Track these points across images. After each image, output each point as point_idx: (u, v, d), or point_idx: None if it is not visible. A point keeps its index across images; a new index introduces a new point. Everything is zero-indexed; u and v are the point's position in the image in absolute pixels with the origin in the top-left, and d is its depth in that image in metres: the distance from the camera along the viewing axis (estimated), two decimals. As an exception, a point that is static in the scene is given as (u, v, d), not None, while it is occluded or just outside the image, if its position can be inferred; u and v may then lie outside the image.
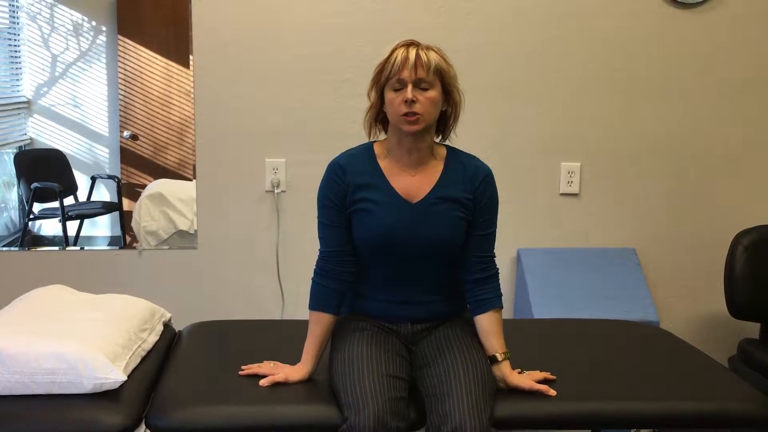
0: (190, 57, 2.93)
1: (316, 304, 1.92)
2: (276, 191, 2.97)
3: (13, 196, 3.14)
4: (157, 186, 3.12)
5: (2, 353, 1.69)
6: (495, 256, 1.97)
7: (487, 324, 1.90)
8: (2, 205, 3.13)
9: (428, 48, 1.83)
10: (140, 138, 3.08)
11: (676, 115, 3.06)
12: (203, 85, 2.92)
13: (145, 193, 3.11)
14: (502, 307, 1.94)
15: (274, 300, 3.04)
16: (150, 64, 3.04)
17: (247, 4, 2.87)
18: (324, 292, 1.92)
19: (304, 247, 2.92)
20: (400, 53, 1.81)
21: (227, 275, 3.02)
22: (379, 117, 1.92)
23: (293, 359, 1.97)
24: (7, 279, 2.92)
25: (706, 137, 3.08)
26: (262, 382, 1.85)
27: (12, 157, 3.08)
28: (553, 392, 1.82)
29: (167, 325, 2.22)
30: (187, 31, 2.91)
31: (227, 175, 2.97)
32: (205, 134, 2.95)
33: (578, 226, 3.10)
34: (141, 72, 3.04)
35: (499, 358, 1.87)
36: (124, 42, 3.01)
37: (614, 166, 3.07)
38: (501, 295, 1.95)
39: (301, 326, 2.27)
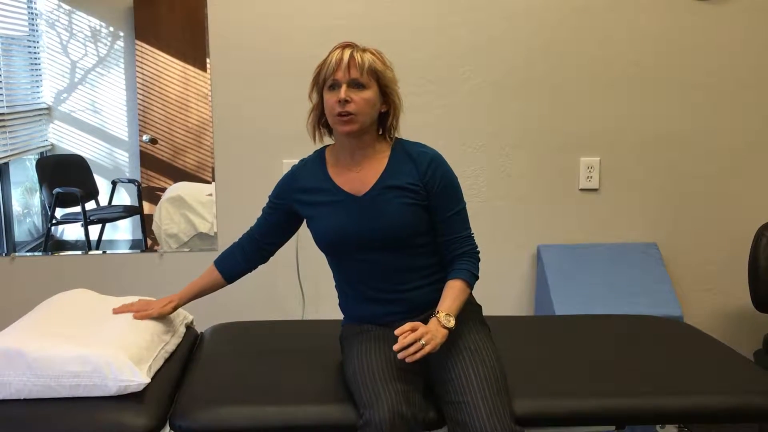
0: (207, 60, 2.95)
1: (220, 262, 2.08)
2: (295, 192, 2.98)
3: (35, 201, 3.17)
4: (177, 189, 3.13)
5: (28, 357, 1.71)
6: (471, 234, 1.94)
7: (445, 289, 1.88)
8: (25, 210, 3.16)
9: (365, 50, 1.86)
10: (159, 141, 3.10)
11: (695, 108, 3.03)
12: (220, 87, 2.93)
13: (165, 196, 3.13)
14: (468, 282, 1.88)
15: (294, 300, 3.05)
16: (168, 68, 3.06)
17: (263, 7, 2.88)
18: (232, 258, 2.08)
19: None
20: (335, 55, 1.84)
21: (248, 276, 3.01)
22: (322, 119, 1.95)
23: (316, 359, 1.98)
24: (31, 284, 2.95)
25: (725, 129, 3.04)
26: (135, 316, 1.97)
27: (34, 163, 3.11)
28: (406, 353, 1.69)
29: (189, 327, 2.23)
30: (204, 34, 2.92)
31: (246, 176, 2.98)
32: (223, 136, 2.96)
33: (599, 222, 3.08)
34: (159, 76, 3.06)
35: (437, 314, 1.80)
36: (142, 47, 3.04)
37: (634, 160, 3.05)
38: (471, 271, 1.90)
39: (323, 326, 2.29)
